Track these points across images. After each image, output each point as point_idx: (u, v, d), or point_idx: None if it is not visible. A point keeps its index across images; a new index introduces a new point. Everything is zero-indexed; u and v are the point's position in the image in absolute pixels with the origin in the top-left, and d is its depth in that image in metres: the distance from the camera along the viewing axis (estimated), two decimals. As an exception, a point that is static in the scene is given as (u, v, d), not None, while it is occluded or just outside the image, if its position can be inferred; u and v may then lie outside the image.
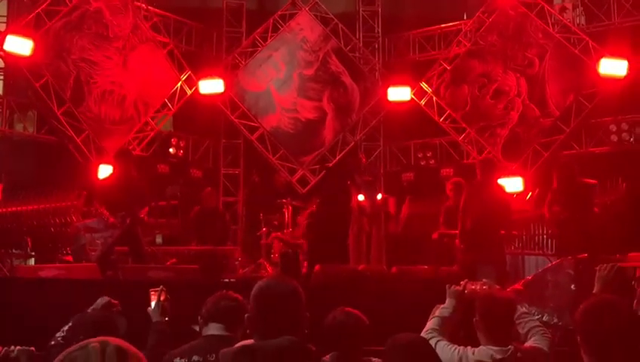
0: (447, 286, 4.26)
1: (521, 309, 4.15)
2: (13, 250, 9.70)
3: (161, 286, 4.21)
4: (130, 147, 12.14)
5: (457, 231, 8.65)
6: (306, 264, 9.49)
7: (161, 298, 4.16)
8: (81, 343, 1.91)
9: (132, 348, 1.92)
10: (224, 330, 3.82)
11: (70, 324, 4.11)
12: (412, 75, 13.15)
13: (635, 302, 3.49)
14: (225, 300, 3.90)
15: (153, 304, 4.17)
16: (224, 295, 3.96)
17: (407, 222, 11.82)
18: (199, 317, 3.93)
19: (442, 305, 4.19)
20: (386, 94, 13.11)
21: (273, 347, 2.50)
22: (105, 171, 10.78)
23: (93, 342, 1.89)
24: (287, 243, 10.30)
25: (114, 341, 1.91)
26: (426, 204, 11.32)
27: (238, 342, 2.95)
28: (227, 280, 8.52)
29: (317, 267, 8.15)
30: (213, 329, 3.85)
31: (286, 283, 2.73)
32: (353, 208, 9.33)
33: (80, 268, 8.18)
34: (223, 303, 3.87)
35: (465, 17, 13.43)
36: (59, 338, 4.00)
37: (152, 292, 4.21)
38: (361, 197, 9.32)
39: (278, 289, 2.69)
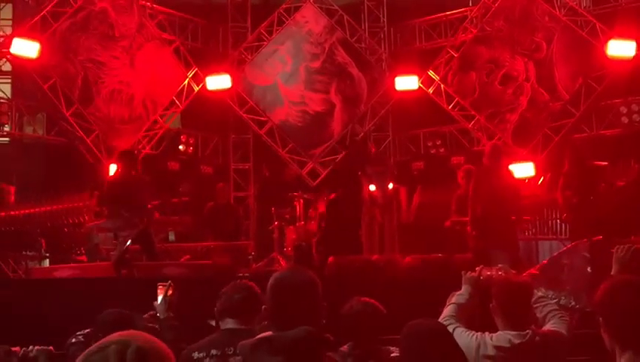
0: (462, 272, 4.25)
1: (538, 293, 4.14)
2: (28, 252, 9.75)
3: (169, 281, 4.21)
4: (140, 146, 12.18)
5: (469, 219, 8.64)
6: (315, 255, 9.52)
7: (169, 292, 4.15)
8: (100, 343, 1.78)
9: (156, 346, 1.80)
10: (240, 324, 3.82)
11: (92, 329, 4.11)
12: (419, 64, 13.10)
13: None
14: (239, 293, 3.88)
15: (160, 298, 4.15)
16: (238, 286, 3.94)
17: (419, 211, 11.81)
18: (216, 310, 3.93)
19: (458, 292, 4.18)
20: (393, 84, 13.07)
21: (290, 337, 2.49)
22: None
23: (114, 342, 1.77)
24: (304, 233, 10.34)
25: (136, 339, 1.78)
26: (438, 193, 11.30)
27: (256, 334, 2.94)
28: (241, 274, 8.54)
29: (330, 258, 8.15)
30: (230, 323, 3.85)
31: (302, 273, 2.72)
32: (365, 199, 9.32)
33: (94, 267, 8.22)
34: (236, 296, 3.86)
35: (470, 4, 13.36)
36: (80, 336, 4.01)
37: (160, 286, 4.19)
38: (372, 188, 9.31)
39: (295, 280, 2.68)
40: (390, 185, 9.62)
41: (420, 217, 11.76)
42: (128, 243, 8.38)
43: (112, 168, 11.04)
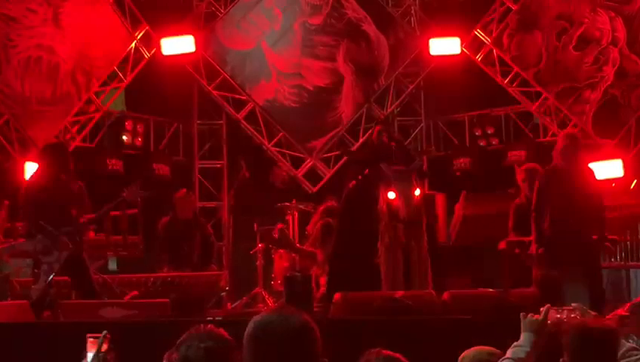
0: (521, 315, 4.28)
1: (628, 343, 4.16)
2: None
3: (104, 332, 4.23)
4: (68, 136, 12.18)
5: (532, 238, 8.67)
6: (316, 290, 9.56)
7: (103, 348, 4.18)
8: None
9: None
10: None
11: None
12: (462, 20, 13.11)
13: None
14: (201, 344, 3.84)
15: (90, 357, 4.18)
16: (200, 335, 3.91)
17: (463, 228, 11.81)
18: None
19: (515, 343, 4.21)
20: (426, 48, 13.08)
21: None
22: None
23: None
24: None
25: None
26: (489, 202, 11.31)
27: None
28: (211, 318, 8.57)
29: (337, 295, 8.18)
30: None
31: (296, 316, 2.74)
32: (382, 211, 9.31)
33: (4, 307, 8.23)
34: (199, 350, 3.82)
35: None
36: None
37: (90, 340, 4.22)
38: (392, 195, 9.30)
39: (285, 326, 2.70)
40: (418, 192, 9.61)
41: (463, 236, 11.76)
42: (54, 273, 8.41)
43: (31, 167, 11.05)
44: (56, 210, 8.58)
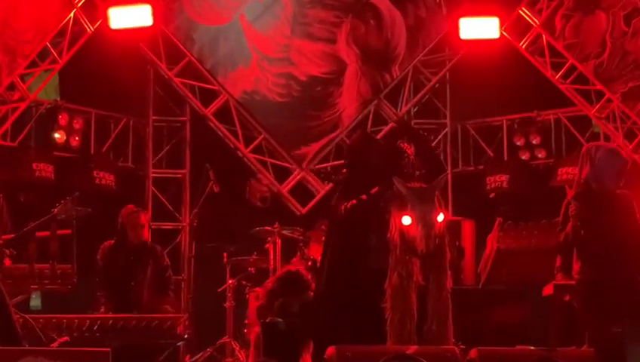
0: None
1: None
2: None
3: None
4: (-17, 131, 12.21)
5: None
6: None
7: None
8: None
9: None
10: None
11: None
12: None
13: None
14: None
15: None
16: None
17: (496, 266, 11.82)
18: None
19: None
20: (455, 30, 13.12)
21: None
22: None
23: None
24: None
25: None
26: (531, 233, 11.31)
27: None
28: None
29: (330, 349, 8.19)
30: None
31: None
32: (393, 241, 9.32)
33: None
34: None
35: None
36: None
37: None
38: (406, 221, 9.32)
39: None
40: (441, 217, 9.64)
41: (496, 276, 11.77)
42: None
43: None
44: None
